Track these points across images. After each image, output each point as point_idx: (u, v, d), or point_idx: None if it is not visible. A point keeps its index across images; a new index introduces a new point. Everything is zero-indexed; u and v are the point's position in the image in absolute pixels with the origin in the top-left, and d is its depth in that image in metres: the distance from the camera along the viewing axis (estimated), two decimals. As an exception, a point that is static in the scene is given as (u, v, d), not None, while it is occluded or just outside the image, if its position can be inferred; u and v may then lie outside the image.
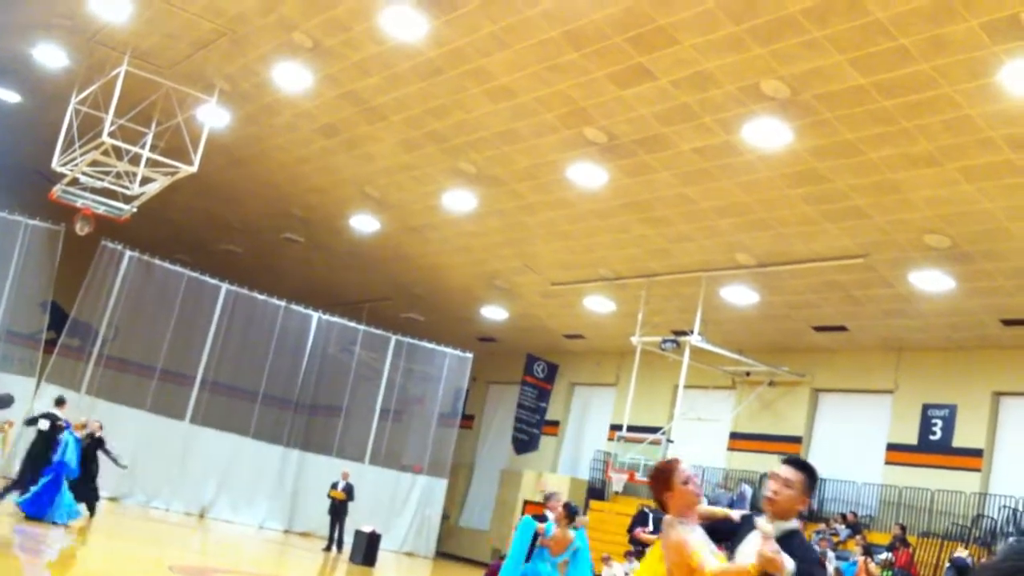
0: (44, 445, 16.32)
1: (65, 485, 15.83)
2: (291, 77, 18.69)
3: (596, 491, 26.99)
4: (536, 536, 11.31)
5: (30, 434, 17.52)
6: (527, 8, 14.38)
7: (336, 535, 23.50)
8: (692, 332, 21.52)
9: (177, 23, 17.77)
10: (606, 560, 20.80)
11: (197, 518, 25.24)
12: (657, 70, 14.96)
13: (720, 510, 5.10)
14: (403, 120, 19.23)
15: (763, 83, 14.41)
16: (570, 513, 11.32)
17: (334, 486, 23.99)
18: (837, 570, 17.76)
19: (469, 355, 29.15)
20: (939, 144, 14.49)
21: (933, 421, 20.86)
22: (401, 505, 27.33)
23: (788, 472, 4.68)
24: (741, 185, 17.62)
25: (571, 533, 11.13)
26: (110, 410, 24.42)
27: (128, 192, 19.97)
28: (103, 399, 24.49)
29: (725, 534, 4.92)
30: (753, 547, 4.36)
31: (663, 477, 4.85)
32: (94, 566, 13.91)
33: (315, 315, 28.13)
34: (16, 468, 18.10)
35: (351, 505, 23.85)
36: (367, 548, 21.45)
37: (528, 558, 11.39)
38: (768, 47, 13.58)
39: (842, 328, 21.79)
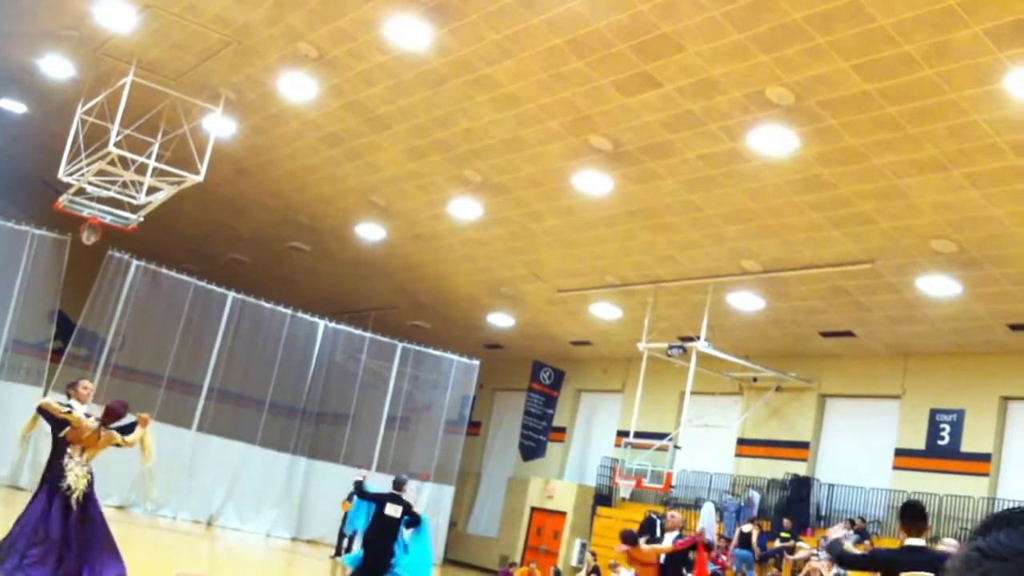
0: None
1: None
2: (297, 87, 18.76)
3: (603, 498, 26.93)
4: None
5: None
6: (531, 17, 14.41)
7: (346, 544, 23.32)
8: (699, 338, 21.51)
9: (183, 34, 17.83)
10: (613, 567, 20.78)
11: (205, 527, 25.24)
12: (662, 77, 14.97)
13: None
14: (408, 129, 19.26)
15: (768, 90, 14.41)
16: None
17: (349, 497, 23.46)
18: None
19: (476, 362, 29.13)
20: (945, 150, 14.47)
21: (941, 426, 20.81)
22: (409, 513, 27.21)
23: None
24: (747, 192, 17.62)
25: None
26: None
27: (134, 202, 20.00)
28: (110, 408, 24.47)
29: None
30: None
31: None
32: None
33: (322, 323, 28.12)
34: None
35: None
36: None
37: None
38: (772, 54, 13.59)
39: (849, 334, 21.76)
